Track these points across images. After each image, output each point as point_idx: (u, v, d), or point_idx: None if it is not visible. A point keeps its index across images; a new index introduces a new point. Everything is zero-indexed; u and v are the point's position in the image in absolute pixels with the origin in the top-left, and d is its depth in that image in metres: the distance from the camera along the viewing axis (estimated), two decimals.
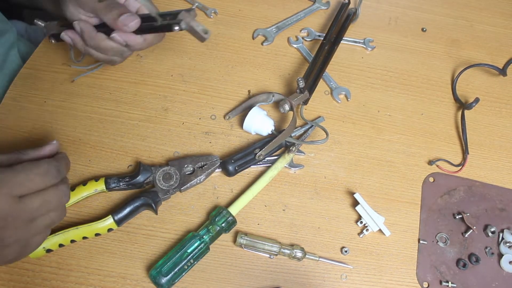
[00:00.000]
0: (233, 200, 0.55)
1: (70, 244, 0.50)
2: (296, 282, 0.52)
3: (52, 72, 0.62)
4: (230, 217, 0.52)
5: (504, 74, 0.69)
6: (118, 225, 0.51)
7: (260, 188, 0.55)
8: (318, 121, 0.62)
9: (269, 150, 0.56)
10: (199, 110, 0.61)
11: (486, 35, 0.74)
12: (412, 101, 0.66)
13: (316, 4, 0.73)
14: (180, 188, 0.53)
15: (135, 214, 0.52)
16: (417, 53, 0.71)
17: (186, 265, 0.49)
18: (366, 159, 0.61)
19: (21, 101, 0.59)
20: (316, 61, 0.64)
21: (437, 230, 0.57)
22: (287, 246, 0.53)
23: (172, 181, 0.53)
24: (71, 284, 0.50)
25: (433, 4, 0.76)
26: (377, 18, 0.73)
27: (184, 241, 0.50)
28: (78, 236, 0.50)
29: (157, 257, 0.51)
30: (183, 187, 0.54)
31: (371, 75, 0.68)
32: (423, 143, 0.63)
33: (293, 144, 0.57)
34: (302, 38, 0.69)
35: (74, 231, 0.49)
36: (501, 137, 0.65)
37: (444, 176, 0.60)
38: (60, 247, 0.50)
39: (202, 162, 0.55)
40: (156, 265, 0.49)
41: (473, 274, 0.55)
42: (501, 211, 0.59)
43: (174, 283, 0.49)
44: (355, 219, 0.56)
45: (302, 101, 0.61)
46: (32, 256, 0.49)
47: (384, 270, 0.54)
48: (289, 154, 0.57)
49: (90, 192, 0.52)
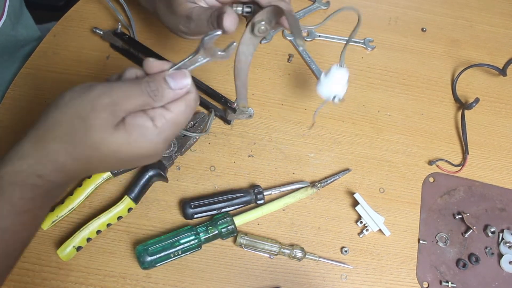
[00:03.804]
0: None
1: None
2: (296, 282, 0.52)
3: (52, 72, 0.62)
4: (232, 226, 0.52)
5: (504, 74, 0.69)
6: (136, 202, 0.52)
7: (271, 210, 0.55)
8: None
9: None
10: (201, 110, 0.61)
11: (486, 35, 0.74)
12: (412, 101, 0.66)
13: (316, 3, 0.73)
14: (181, 151, 0.56)
15: (148, 188, 0.54)
16: (417, 53, 0.71)
17: (173, 254, 0.50)
18: (366, 159, 0.61)
19: (21, 101, 0.59)
20: None
21: (437, 230, 0.57)
22: (287, 246, 0.53)
23: (171, 148, 0.55)
24: (71, 284, 0.50)
25: (433, 4, 0.76)
26: (377, 18, 0.73)
27: (180, 231, 0.51)
28: (102, 225, 0.51)
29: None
30: (183, 150, 0.56)
31: (371, 75, 0.68)
32: (423, 143, 0.63)
33: (319, 181, 0.57)
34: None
35: (97, 221, 0.51)
36: (501, 137, 0.65)
37: (444, 176, 0.60)
38: (88, 241, 0.51)
39: (192, 121, 0.57)
40: (146, 243, 0.50)
41: (473, 274, 0.55)
42: (501, 211, 0.59)
43: (156, 266, 0.50)
44: (355, 219, 0.56)
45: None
46: (65, 258, 0.49)
47: (384, 270, 0.54)
48: (312, 189, 0.56)
49: (97, 182, 0.53)
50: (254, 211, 0.54)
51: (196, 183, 0.56)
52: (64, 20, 0.66)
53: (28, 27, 0.68)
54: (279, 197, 0.56)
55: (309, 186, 0.57)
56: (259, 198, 0.55)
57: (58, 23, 0.65)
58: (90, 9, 0.67)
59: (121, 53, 0.63)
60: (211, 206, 0.53)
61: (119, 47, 0.63)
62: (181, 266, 0.52)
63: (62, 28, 0.65)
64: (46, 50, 0.63)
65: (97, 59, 0.63)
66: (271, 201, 0.55)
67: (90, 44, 0.64)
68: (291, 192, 0.57)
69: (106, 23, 0.66)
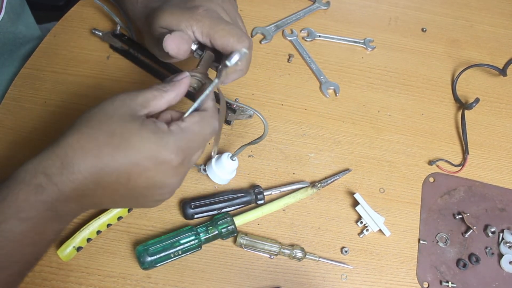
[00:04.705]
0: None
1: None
2: (296, 282, 0.52)
3: (52, 72, 0.62)
4: (232, 226, 0.52)
5: (504, 74, 0.69)
6: None
7: (271, 210, 0.55)
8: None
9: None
10: None
11: (486, 35, 0.74)
12: (412, 101, 0.66)
13: (316, 4, 0.73)
14: None
15: None
16: (417, 53, 0.71)
17: (174, 254, 0.50)
18: (366, 159, 0.61)
19: (21, 101, 0.59)
20: None
21: (437, 230, 0.57)
22: (287, 246, 0.53)
23: None
24: (71, 284, 0.50)
25: (433, 4, 0.76)
26: (377, 18, 0.73)
27: (180, 232, 0.51)
28: (102, 226, 0.51)
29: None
30: None
31: (371, 75, 0.68)
32: (423, 143, 0.63)
33: (319, 181, 0.57)
34: (297, 32, 0.69)
35: (97, 221, 0.51)
36: (501, 137, 0.65)
37: (444, 176, 0.60)
38: (88, 241, 0.51)
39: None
40: (146, 243, 0.50)
41: (473, 274, 0.55)
42: (501, 211, 0.59)
43: (156, 266, 0.49)
44: (355, 219, 0.56)
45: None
46: (65, 259, 0.49)
47: (384, 270, 0.54)
48: (312, 189, 0.56)
49: None
50: (254, 211, 0.54)
51: (196, 183, 0.56)
52: (64, 21, 0.66)
53: (29, 25, 0.68)
54: (279, 197, 0.56)
55: (309, 186, 0.57)
56: (259, 198, 0.55)
57: (58, 23, 0.65)
58: (90, 10, 0.67)
59: (120, 54, 0.63)
60: (211, 206, 0.53)
61: (119, 48, 0.63)
62: (181, 266, 0.52)
63: (62, 28, 0.65)
64: (46, 50, 0.63)
65: (97, 59, 0.63)
66: (271, 201, 0.55)
67: (90, 44, 0.64)
68: (291, 192, 0.57)
69: (105, 23, 0.66)
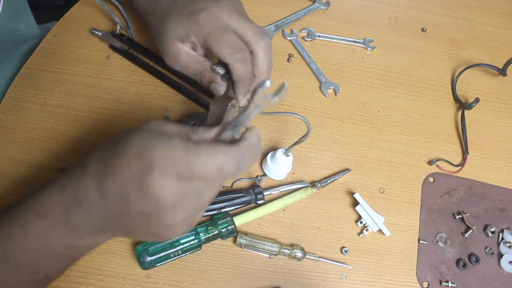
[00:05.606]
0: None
1: None
2: (296, 282, 0.52)
3: (52, 72, 0.62)
4: (232, 226, 0.52)
5: (504, 74, 0.70)
6: None
7: (271, 210, 0.55)
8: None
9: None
10: (200, 110, 0.61)
11: (486, 35, 0.74)
12: (412, 101, 0.66)
13: (316, 3, 0.73)
14: None
15: None
16: (417, 53, 0.71)
17: (174, 254, 0.50)
18: (366, 159, 0.61)
19: (21, 101, 0.59)
20: None
21: (437, 230, 0.57)
22: (287, 246, 0.53)
23: None
24: (71, 284, 0.50)
25: (433, 4, 0.76)
26: (377, 18, 0.73)
27: None
28: None
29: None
30: None
31: (371, 75, 0.68)
32: (423, 143, 0.63)
33: (319, 181, 0.57)
34: (297, 32, 0.69)
35: None
36: (501, 137, 0.65)
37: (444, 176, 0.60)
38: None
39: (191, 121, 0.57)
40: (146, 243, 0.50)
41: (473, 274, 0.55)
42: (501, 211, 0.59)
43: (156, 266, 0.49)
44: (355, 219, 0.56)
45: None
46: None
47: (384, 270, 0.54)
48: (312, 189, 0.56)
49: None
50: (254, 211, 0.54)
51: None
52: (64, 20, 0.66)
53: (28, 24, 0.68)
54: (279, 197, 0.56)
55: (309, 186, 0.57)
56: (259, 198, 0.55)
57: (58, 23, 0.65)
58: (89, 10, 0.67)
59: (120, 54, 0.63)
60: (211, 206, 0.53)
61: (118, 48, 0.63)
62: (181, 266, 0.52)
63: (62, 28, 0.65)
64: (46, 50, 0.63)
65: (97, 59, 0.63)
66: (271, 201, 0.55)
67: (90, 44, 0.64)
68: (291, 192, 0.57)
69: (105, 23, 0.66)
